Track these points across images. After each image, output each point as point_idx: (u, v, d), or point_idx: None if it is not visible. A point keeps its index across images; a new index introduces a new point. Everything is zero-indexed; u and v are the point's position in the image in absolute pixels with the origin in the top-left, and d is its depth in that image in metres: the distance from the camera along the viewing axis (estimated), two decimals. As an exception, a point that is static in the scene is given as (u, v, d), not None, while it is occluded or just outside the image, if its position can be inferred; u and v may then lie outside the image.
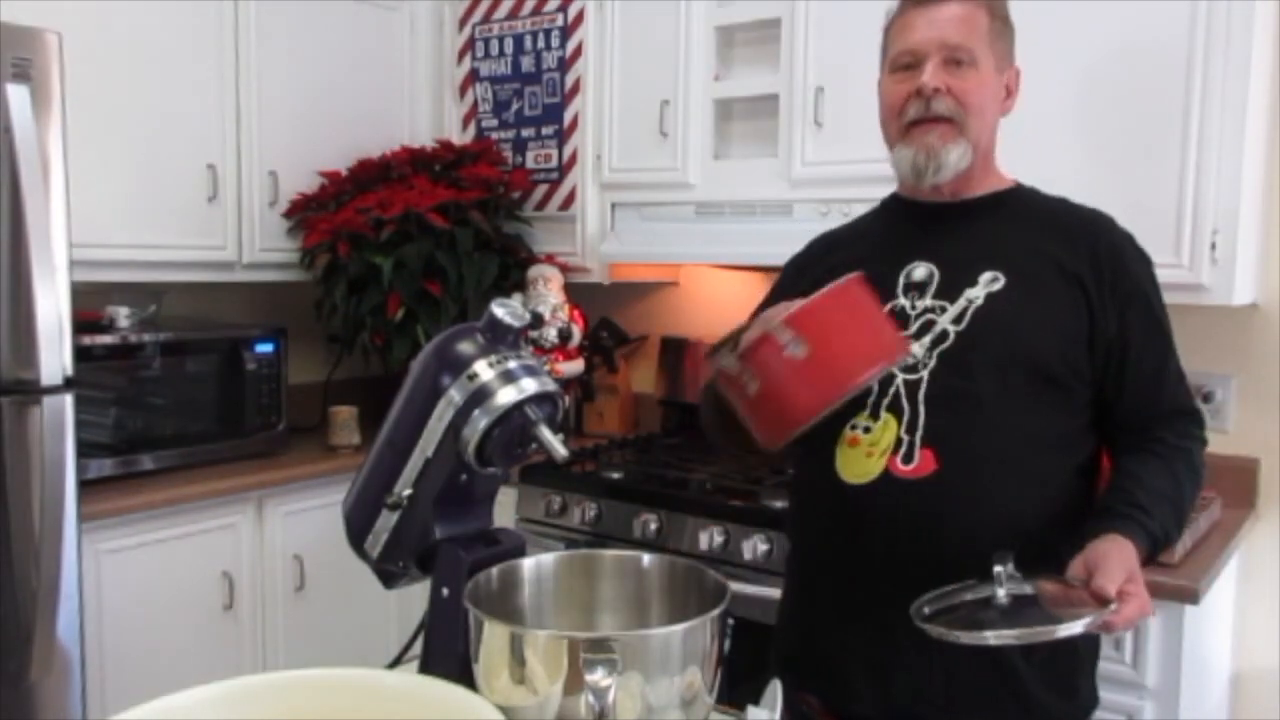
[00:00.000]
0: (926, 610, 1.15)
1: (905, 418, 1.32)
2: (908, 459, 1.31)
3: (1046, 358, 1.32)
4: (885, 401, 1.34)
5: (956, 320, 1.34)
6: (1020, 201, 1.45)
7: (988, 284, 1.35)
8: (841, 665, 1.38)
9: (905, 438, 1.31)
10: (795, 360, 1.11)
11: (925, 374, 1.33)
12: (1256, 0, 1.98)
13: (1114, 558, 1.17)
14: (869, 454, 1.33)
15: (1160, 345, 1.38)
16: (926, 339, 1.34)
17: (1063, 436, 1.35)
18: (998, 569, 1.14)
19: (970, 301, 1.34)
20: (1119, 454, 1.38)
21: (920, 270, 1.39)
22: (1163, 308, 1.40)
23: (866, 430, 1.34)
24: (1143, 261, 1.40)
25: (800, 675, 1.42)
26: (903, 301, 1.38)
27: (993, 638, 1.09)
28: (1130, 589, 1.13)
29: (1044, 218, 1.41)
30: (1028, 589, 1.15)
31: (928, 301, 1.36)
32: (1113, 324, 1.34)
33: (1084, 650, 1.39)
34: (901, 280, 1.39)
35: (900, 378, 1.34)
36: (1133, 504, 1.26)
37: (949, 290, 1.36)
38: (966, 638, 1.09)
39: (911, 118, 1.37)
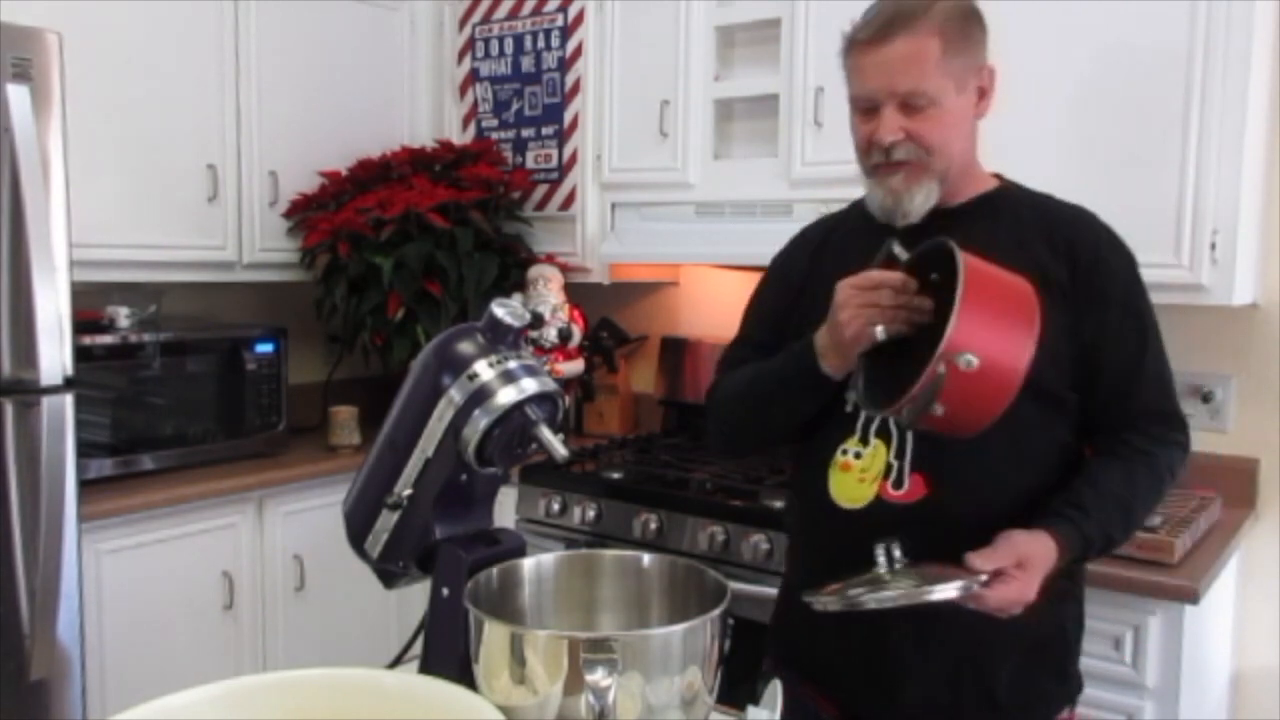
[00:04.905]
0: (825, 598, 1.19)
1: (894, 443, 1.33)
2: (898, 484, 1.32)
3: (1036, 377, 1.30)
4: (874, 426, 1.34)
5: None
6: (1005, 203, 1.41)
7: None
8: (846, 675, 1.39)
9: (895, 463, 1.32)
10: (971, 371, 1.11)
11: None
12: (1256, 0, 1.98)
13: (1011, 542, 1.20)
14: (861, 479, 1.34)
15: (1134, 345, 1.36)
16: None
17: (1055, 449, 1.35)
18: (879, 548, 1.20)
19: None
20: (1090, 456, 1.37)
21: None
22: (1145, 308, 1.38)
23: (857, 455, 1.35)
24: (1121, 258, 1.38)
25: (802, 676, 1.43)
26: None
27: (872, 602, 1.14)
28: (1014, 573, 1.17)
29: (1027, 219, 1.39)
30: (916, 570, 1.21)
31: None
32: (1089, 325, 1.33)
33: (1072, 638, 1.43)
34: None
35: None
36: (1073, 504, 1.28)
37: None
38: (843, 603, 1.15)
39: (875, 162, 1.35)
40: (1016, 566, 1.18)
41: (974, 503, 1.30)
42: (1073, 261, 1.34)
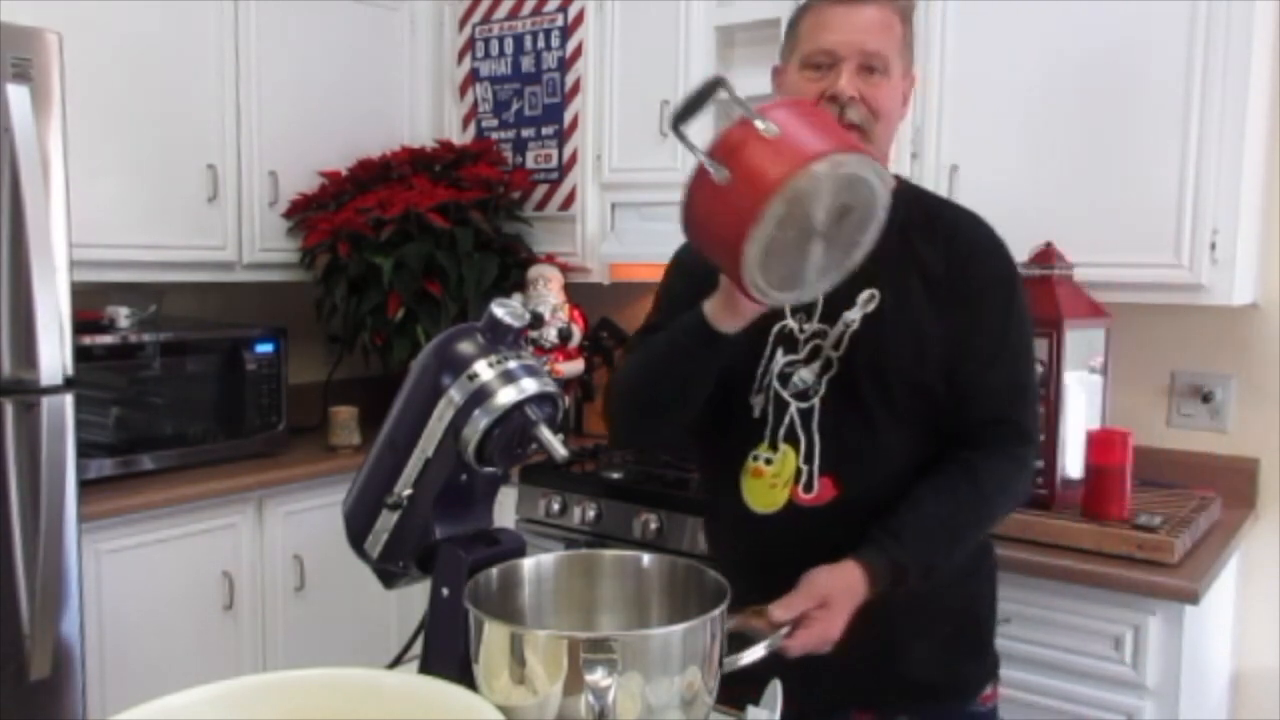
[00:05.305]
0: None
1: (802, 447, 1.35)
2: (808, 488, 1.34)
3: (921, 374, 1.34)
4: (782, 432, 1.37)
5: (836, 346, 1.35)
6: (902, 203, 1.39)
7: (864, 304, 1.35)
8: (773, 670, 1.40)
9: (804, 467, 1.35)
10: (768, 137, 1.07)
11: (817, 402, 1.35)
12: (1256, 0, 1.98)
13: (813, 583, 1.21)
14: (773, 485, 1.37)
15: (988, 349, 1.36)
16: (816, 365, 1.36)
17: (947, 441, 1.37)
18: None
19: (847, 325, 1.35)
20: (923, 476, 1.36)
21: None
22: (1010, 314, 1.38)
23: (768, 461, 1.37)
24: (996, 262, 1.39)
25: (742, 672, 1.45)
26: (791, 323, 1.38)
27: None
28: (816, 615, 1.18)
29: (915, 214, 1.40)
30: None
31: (815, 325, 1.37)
32: (950, 321, 1.34)
33: (985, 616, 1.47)
34: None
35: (794, 406, 1.36)
36: (889, 531, 1.28)
37: (831, 312, 1.36)
38: None
39: None
40: (819, 607, 1.19)
41: (881, 500, 1.32)
42: (948, 257, 1.36)
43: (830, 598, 1.20)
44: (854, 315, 1.35)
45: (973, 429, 1.35)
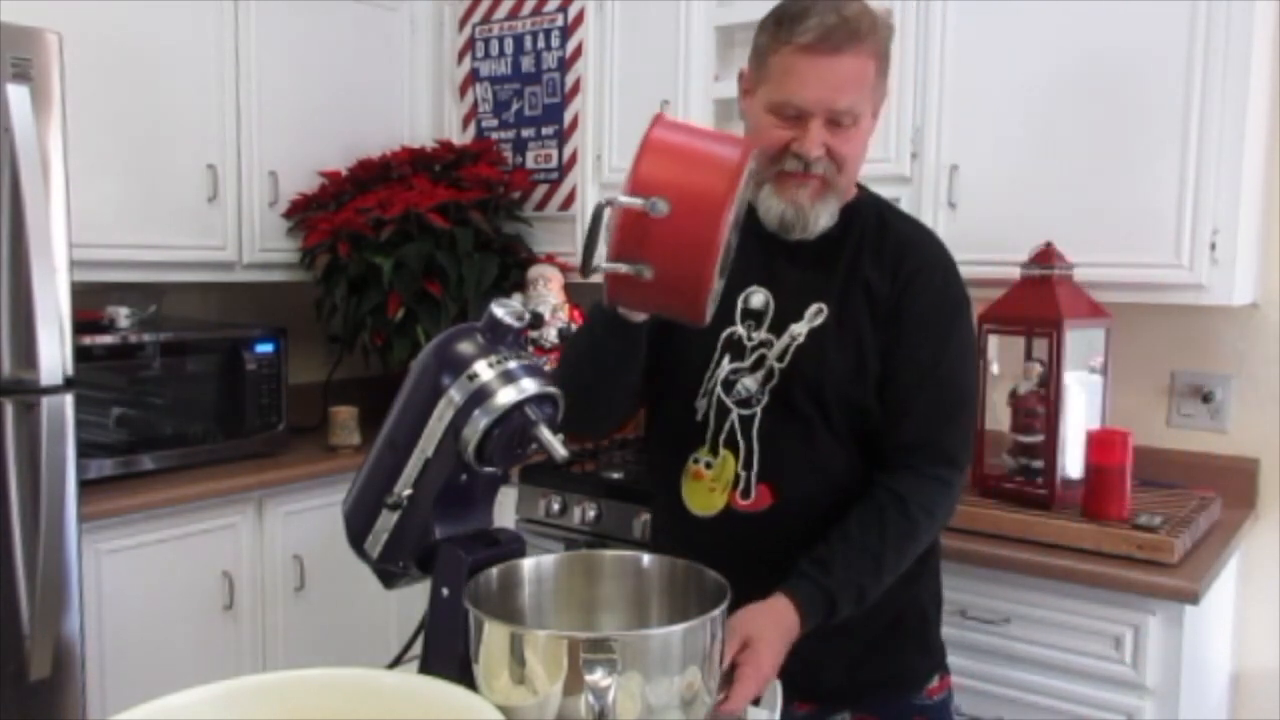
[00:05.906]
0: None
1: (742, 454, 1.37)
2: (746, 494, 1.36)
3: (858, 392, 1.35)
4: (723, 437, 1.38)
5: (780, 357, 1.36)
6: (859, 219, 1.41)
7: (811, 318, 1.36)
8: None
9: (743, 474, 1.36)
10: (664, 217, 1.06)
11: (759, 410, 1.36)
12: (1256, 0, 1.98)
13: (732, 626, 1.17)
14: (711, 488, 1.38)
15: (919, 371, 1.36)
16: (760, 373, 1.37)
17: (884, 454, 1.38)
18: None
19: (793, 338, 1.36)
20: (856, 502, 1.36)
21: (758, 297, 1.39)
22: (948, 338, 1.38)
23: (708, 465, 1.39)
24: (941, 286, 1.39)
25: None
26: (740, 330, 1.39)
27: None
28: (743, 661, 1.14)
29: (869, 232, 1.40)
30: None
31: (762, 334, 1.38)
32: (891, 341, 1.35)
33: (930, 613, 1.49)
34: (740, 305, 1.40)
35: (736, 413, 1.37)
36: (819, 560, 1.27)
37: (779, 323, 1.37)
38: None
39: (789, 169, 1.33)
40: (743, 649, 1.16)
41: (815, 510, 1.34)
42: (894, 277, 1.37)
43: (752, 637, 1.17)
44: (800, 329, 1.36)
45: (899, 450, 1.36)
